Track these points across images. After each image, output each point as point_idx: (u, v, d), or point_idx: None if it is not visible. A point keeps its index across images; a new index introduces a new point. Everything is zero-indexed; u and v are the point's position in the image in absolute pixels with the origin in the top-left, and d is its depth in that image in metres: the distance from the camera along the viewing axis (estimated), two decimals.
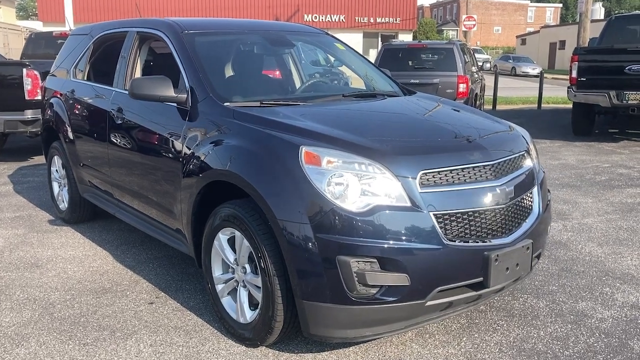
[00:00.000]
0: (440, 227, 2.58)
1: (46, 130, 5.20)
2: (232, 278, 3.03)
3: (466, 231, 2.66)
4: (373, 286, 2.52)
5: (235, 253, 2.98)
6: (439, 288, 2.60)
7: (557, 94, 18.31)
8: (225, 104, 3.21)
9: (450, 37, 59.04)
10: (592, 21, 46.58)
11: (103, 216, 5.17)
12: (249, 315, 2.91)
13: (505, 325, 3.17)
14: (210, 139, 3.10)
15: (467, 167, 2.73)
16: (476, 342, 2.99)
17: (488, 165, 2.79)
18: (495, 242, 2.72)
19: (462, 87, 9.80)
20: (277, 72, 4.11)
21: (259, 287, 2.81)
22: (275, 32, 4.12)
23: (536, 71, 33.53)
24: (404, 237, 2.52)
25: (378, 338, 2.78)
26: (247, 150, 2.83)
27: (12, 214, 5.39)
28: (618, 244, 4.49)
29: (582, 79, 9.57)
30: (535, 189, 3.06)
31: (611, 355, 2.86)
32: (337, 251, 2.49)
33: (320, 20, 31.69)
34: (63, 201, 5.11)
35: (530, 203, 3.00)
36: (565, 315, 3.29)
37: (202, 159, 3.07)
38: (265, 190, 2.65)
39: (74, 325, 3.22)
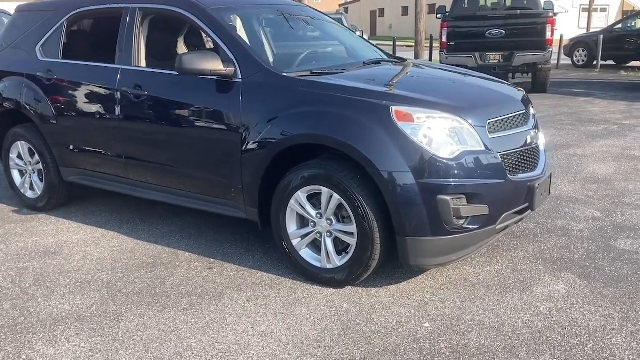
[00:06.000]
0: (504, 165, 3.20)
1: (1, 115, 4.86)
2: (313, 231, 3.37)
3: (518, 166, 3.32)
4: (463, 218, 3.08)
5: (315, 208, 3.33)
6: (505, 214, 3.24)
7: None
8: (284, 74, 3.48)
9: None
10: None
11: (76, 200, 5.02)
12: (338, 260, 3.30)
13: (518, 244, 3.93)
14: (278, 108, 3.35)
15: (511, 116, 3.38)
16: (508, 258, 3.71)
17: (521, 113, 3.47)
18: (533, 174, 3.42)
19: None
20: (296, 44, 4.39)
21: (351, 233, 3.21)
22: (281, 7, 4.38)
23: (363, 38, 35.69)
24: (483, 175, 3.10)
25: (459, 261, 3.35)
26: (334, 114, 3.17)
27: None
28: None
29: (451, 43, 10.84)
30: (540, 132, 3.81)
31: (605, 253, 3.75)
32: (437, 192, 3.00)
33: None
34: (32, 189, 4.86)
35: (539, 142, 3.74)
36: (554, 231, 4.15)
37: (274, 127, 3.33)
38: (365, 148, 3.04)
39: (155, 296, 3.33)
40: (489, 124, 3.20)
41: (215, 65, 3.48)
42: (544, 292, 3.24)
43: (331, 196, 3.22)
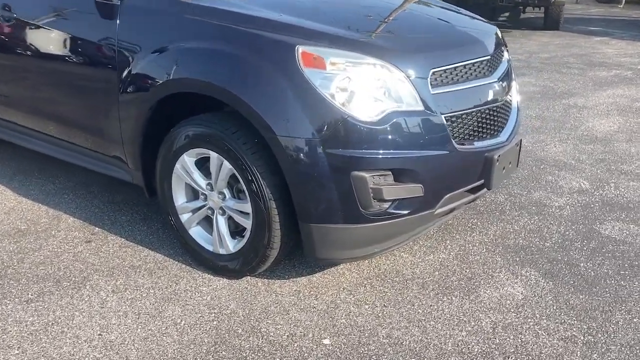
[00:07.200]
0: (451, 131, 2.38)
1: None
2: (204, 206, 2.62)
3: (472, 132, 2.50)
4: (387, 201, 2.30)
5: (206, 177, 2.56)
6: (448, 195, 2.45)
7: None
8: None
9: None
10: None
11: None
12: (232, 245, 2.56)
13: (479, 223, 3.16)
14: (160, 41, 2.53)
15: (468, 63, 2.52)
16: (460, 243, 2.95)
17: (484, 59, 2.61)
18: (494, 141, 2.60)
19: None
20: None
21: (247, 214, 2.45)
22: None
23: None
24: (419, 145, 2.30)
25: (385, 253, 2.61)
26: (222, 53, 2.34)
27: None
28: (536, 133, 4.68)
29: None
30: (514, 84, 2.95)
31: (585, 241, 2.98)
32: (352, 167, 2.20)
33: None
34: None
35: (511, 98, 2.90)
36: (527, 207, 3.36)
37: (152, 67, 2.52)
38: (257, 103, 2.23)
39: (2, 279, 2.63)
40: (432, 74, 2.35)
41: None
42: (493, 298, 2.50)
43: (221, 164, 2.44)
